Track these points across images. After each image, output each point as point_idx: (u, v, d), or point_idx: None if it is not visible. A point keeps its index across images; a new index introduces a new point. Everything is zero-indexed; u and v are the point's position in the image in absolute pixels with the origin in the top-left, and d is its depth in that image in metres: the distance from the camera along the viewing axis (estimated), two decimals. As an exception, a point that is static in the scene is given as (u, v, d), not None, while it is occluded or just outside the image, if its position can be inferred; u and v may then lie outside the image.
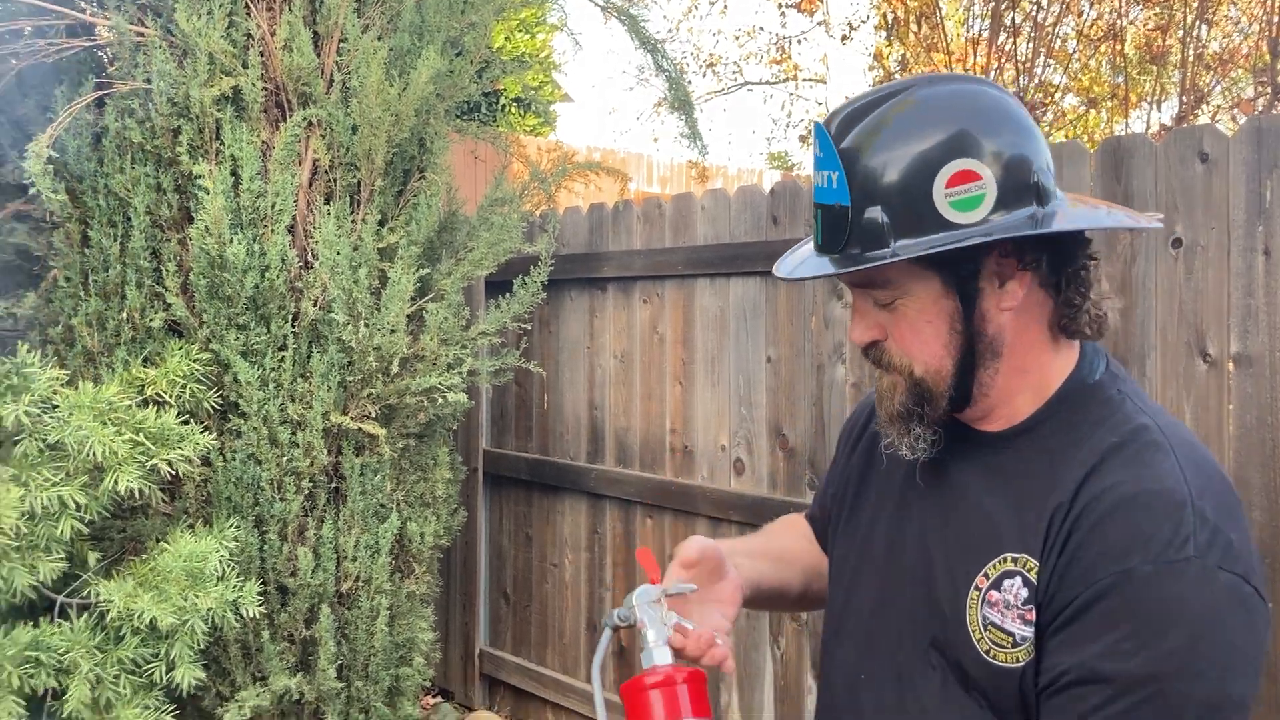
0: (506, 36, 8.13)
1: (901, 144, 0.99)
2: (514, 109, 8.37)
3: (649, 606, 1.15)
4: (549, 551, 3.83)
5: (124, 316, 2.68)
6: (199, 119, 2.67)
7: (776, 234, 3.02)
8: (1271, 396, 2.11)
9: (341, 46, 2.80)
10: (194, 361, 2.59)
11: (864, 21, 9.32)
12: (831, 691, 1.21)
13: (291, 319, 2.72)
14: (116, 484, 2.20)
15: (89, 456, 2.18)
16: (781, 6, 9.30)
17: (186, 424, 2.43)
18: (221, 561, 2.35)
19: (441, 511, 3.05)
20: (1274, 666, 2.07)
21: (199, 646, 2.30)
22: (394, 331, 2.74)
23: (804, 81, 10.69)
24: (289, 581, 2.70)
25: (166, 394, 2.52)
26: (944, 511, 1.09)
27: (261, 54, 2.73)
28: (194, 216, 2.65)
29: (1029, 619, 0.98)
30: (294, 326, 2.72)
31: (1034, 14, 7.01)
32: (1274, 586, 2.03)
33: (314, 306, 2.72)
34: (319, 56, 2.79)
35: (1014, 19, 7.06)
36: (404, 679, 2.96)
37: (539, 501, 3.87)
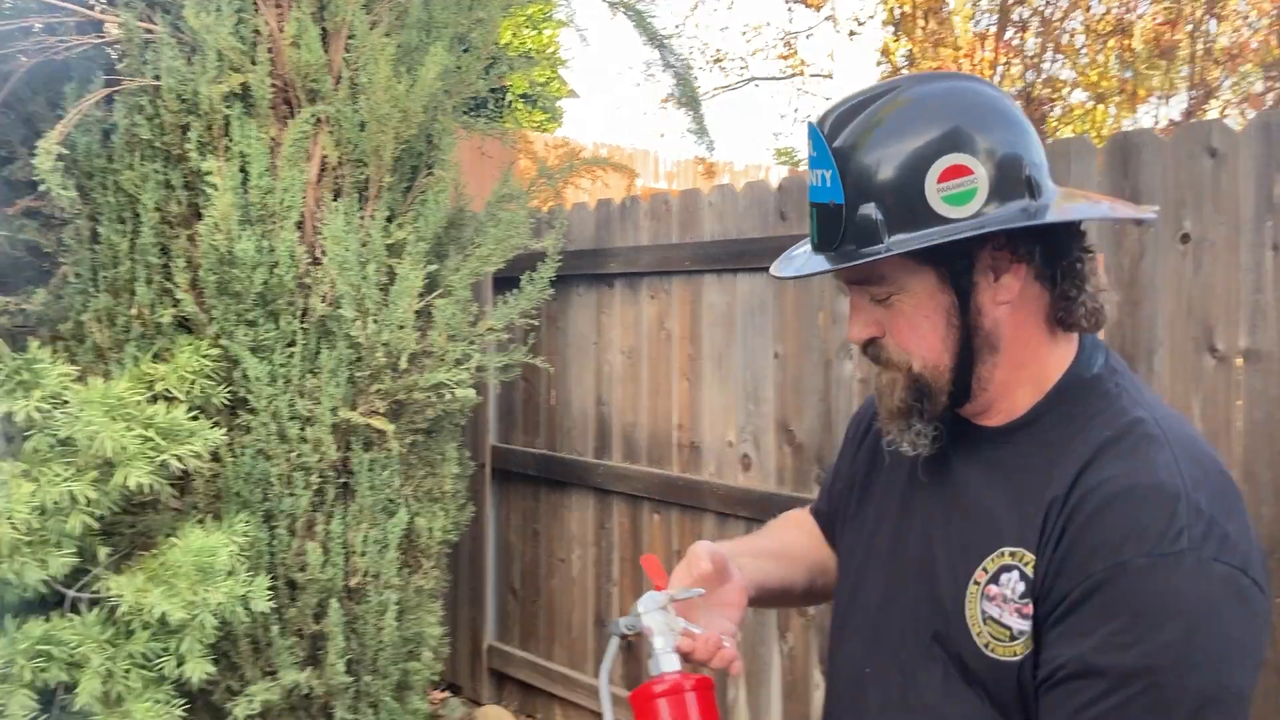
0: (513, 32, 8.13)
1: (894, 141, 1.00)
2: (521, 105, 8.37)
3: (656, 613, 1.15)
4: (556, 547, 3.84)
5: (133, 312, 2.69)
6: (208, 115, 2.68)
7: (784, 229, 3.02)
8: (1280, 392, 2.10)
9: (349, 43, 2.80)
10: (203, 357, 2.59)
11: (871, 17, 9.31)
12: (837, 687, 1.22)
13: (300, 315, 2.73)
14: (126, 479, 2.21)
15: (99, 452, 2.19)
16: (788, 1, 9.29)
17: (196, 419, 2.44)
18: (231, 556, 2.36)
19: (450, 507, 3.05)
20: (1282, 662, 2.07)
21: (209, 641, 2.31)
22: (402, 327, 2.75)
23: (811, 77, 10.68)
24: (298, 576, 2.71)
25: (176, 389, 2.53)
26: (946, 507, 1.10)
27: (270, 50, 2.74)
28: (203, 213, 2.66)
29: (1026, 613, 0.98)
30: (303, 322, 2.73)
31: (1042, 9, 6.99)
32: (1282, 582, 2.03)
33: (323, 302, 2.72)
34: (327, 53, 2.79)
35: (1022, 14, 7.04)
36: (413, 673, 2.97)
37: (546, 497, 3.88)
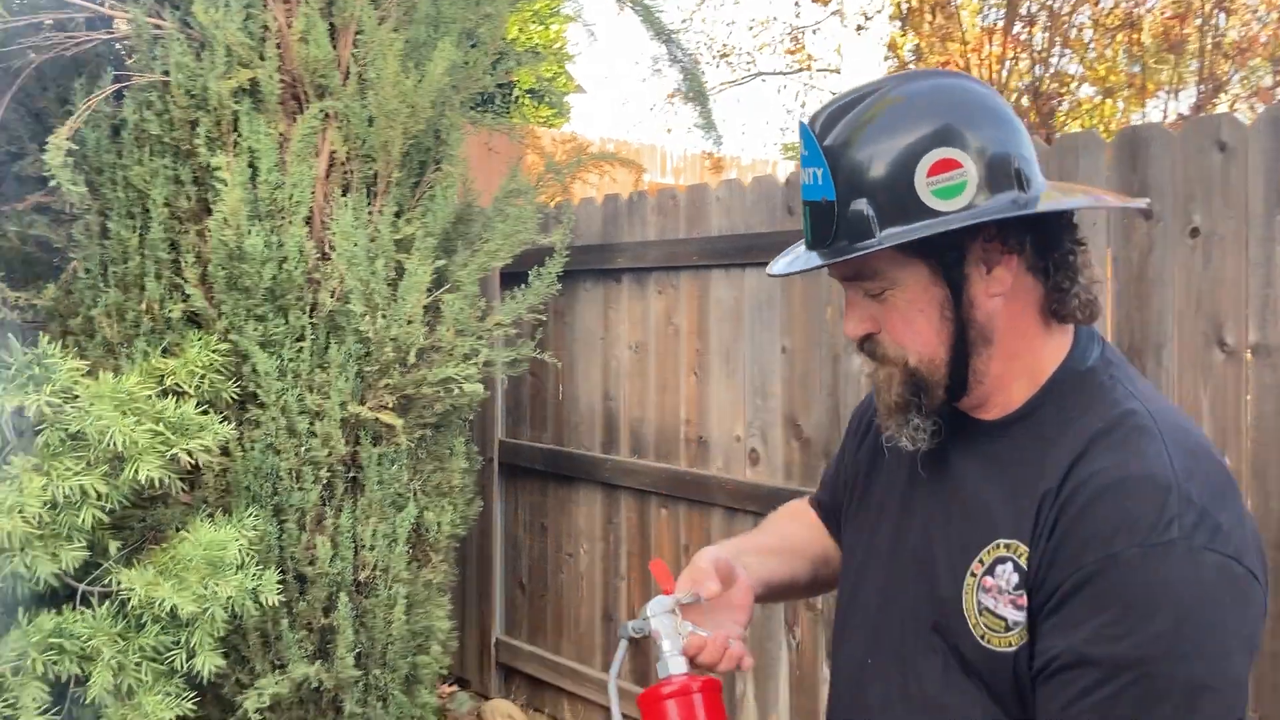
0: (520, 27, 8.13)
1: (885, 138, 1.01)
2: (528, 100, 8.37)
3: (663, 616, 1.17)
4: (564, 541, 3.85)
5: (143, 308, 2.70)
6: (217, 111, 2.69)
7: (792, 224, 3.02)
8: (1290, 386, 2.10)
9: (358, 38, 2.81)
10: (213, 352, 2.60)
11: (879, 11, 9.28)
12: (839, 683, 1.23)
13: (309, 310, 2.74)
14: (137, 473, 2.22)
15: (110, 446, 2.20)
16: (796, -4, 9.28)
17: (206, 414, 2.45)
18: (241, 550, 2.37)
19: (458, 501, 3.06)
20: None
21: (219, 634, 2.32)
22: (411, 322, 2.76)
23: (818, 72, 10.67)
24: (307, 570, 2.72)
25: (186, 384, 2.54)
26: (944, 501, 1.11)
27: (278, 46, 2.74)
28: (212, 208, 2.67)
29: (1020, 604, 0.99)
30: (312, 317, 2.74)
31: (1050, 3, 6.97)
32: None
33: (331, 298, 2.73)
34: (335, 49, 2.80)
35: (1030, 8, 7.02)
36: (421, 667, 2.98)
37: (554, 492, 3.89)
